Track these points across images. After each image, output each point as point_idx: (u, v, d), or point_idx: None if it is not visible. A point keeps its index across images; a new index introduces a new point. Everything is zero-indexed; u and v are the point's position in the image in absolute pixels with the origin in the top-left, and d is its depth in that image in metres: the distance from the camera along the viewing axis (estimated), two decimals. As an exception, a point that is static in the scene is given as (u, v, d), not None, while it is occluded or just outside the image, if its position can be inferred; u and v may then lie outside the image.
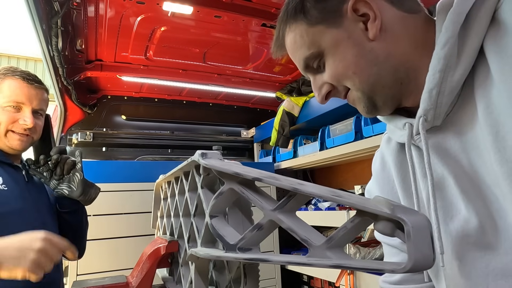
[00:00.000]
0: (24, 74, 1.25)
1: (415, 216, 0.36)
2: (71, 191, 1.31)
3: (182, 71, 2.69)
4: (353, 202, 0.40)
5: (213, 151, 0.67)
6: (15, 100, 1.19)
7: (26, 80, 1.22)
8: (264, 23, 2.07)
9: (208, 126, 3.36)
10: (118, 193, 2.15)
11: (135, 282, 0.97)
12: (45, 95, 1.29)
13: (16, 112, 1.20)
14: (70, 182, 1.32)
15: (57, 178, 1.31)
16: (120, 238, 2.10)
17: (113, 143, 2.95)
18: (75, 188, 1.31)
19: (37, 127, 1.25)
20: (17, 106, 1.20)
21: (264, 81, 2.99)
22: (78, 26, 2.01)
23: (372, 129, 1.95)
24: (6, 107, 1.18)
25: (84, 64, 2.46)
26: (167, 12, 1.93)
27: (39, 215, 1.24)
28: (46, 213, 1.30)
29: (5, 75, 1.22)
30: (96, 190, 1.40)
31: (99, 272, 2.00)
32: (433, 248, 0.36)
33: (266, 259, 0.51)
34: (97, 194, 1.41)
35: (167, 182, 1.17)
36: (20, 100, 1.20)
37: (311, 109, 2.58)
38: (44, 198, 1.33)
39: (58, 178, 1.31)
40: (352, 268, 0.41)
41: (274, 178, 0.50)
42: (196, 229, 0.79)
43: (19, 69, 1.26)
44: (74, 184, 1.31)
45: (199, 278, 0.80)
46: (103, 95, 2.94)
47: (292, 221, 0.48)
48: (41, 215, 1.25)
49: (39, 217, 1.23)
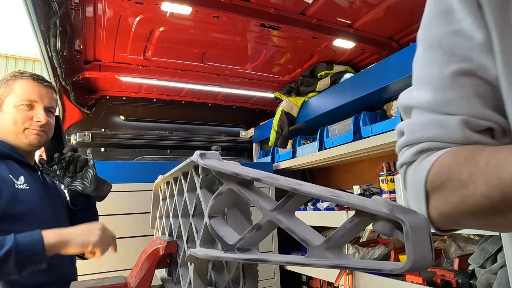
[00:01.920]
0: (34, 74, 1.30)
1: (413, 216, 0.36)
2: (85, 188, 1.35)
3: (180, 71, 2.69)
4: (351, 202, 0.40)
5: (212, 152, 0.67)
6: (28, 99, 1.23)
7: (36, 80, 1.27)
8: (262, 23, 2.07)
9: (207, 126, 3.36)
10: (117, 193, 2.15)
11: (134, 282, 0.96)
12: (54, 94, 1.34)
13: (29, 110, 1.24)
14: (83, 179, 1.36)
15: (71, 175, 1.35)
16: (119, 239, 2.07)
17: (112, 144, 2.95)
18: (88, 185, 1.35)
19: (50, 124, 1.30)
20: (30, 104, 1.24)
21: (263, 81, 2.99)
22: (76, 26, 2.01)
23: (371, 129, 1.95)
24: (20, 106, 1.23)
25: (82, 65, 2.46)
26: (166, 12, 1.93)
27: (54, 215, 1.28)
28: (60, 214, 1.34)
29: (16, 76, 1.26)
30: (109, 186, 1.43)
31: (97, 273, 1.99)
32: (432, 248, 0.36)
33: (265, 259, 0.51)
34: (110, 190, 1.44)
35: (166, 182, 1.17)
36: (33, 98, 1.24)
37: (310, 109, 2.59)
38: (58, 198, 1.37)
39: (72, 175, 1.35)
40: (351, 268, 0.41)
41: (273, 179, 0.50)
42: (195, 230, 0.78)
43: (28, 71, 1.31)
44: (87, 181, 1.35)
45: (198, 278, 0.80)
46: (101, 95, 2.94)
47: (291, 221, 0.48)
48: (56, 215, 1.29)
49: (55, 217, 1.27)
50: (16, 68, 8.64)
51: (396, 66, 1.80)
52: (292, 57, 2.60)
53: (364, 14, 2.12)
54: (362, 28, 2.29)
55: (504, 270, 1.28)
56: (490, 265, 1.37)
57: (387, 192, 1.90)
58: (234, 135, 3.44)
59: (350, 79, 2.29)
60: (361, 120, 2.04)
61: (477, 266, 1.40)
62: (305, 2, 1.96)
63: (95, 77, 2.61)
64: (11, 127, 1.22)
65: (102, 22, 1.99)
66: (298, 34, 2.23)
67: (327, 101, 2.38)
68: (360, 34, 2.34)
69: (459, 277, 1.47)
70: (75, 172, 1.36)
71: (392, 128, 1.81)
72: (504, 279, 1.27)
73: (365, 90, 2.00)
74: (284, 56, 2.59)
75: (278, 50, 2.47)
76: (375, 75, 1.95)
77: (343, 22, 2.20)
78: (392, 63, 1.84)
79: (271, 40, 2.32)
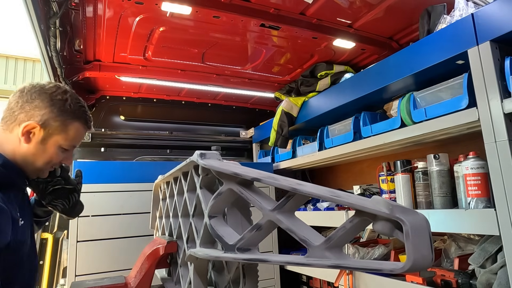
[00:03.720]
0: (90, 117, 1.22)
1: (413, 216, 0.36)
2: (64, 208, 1.28)
3: (180, 71, 2.69)
4: (351, 202, 0.40)
5: (212, 152, 0.67)
6: (74, 145, 1.16)
7: (89, 126, 1.20)
8: (262, 23, 2.07)
9: (207, 126, 3.36)
10: (117, 193, 2.15)
11: (134, 282, 0.97)
12: None
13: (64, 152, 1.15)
14: (64, 199, 1.29)
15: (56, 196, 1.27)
16: (119, 239, 2.10)
17: (112, 144, 2.95)
18: (68, 207, 1.29)
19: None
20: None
21: (263, 81, 2.99)
22: (76, 26, 2.01)
23: (371, 129, 1.95)
24: (64, 149, 1.13)
25: (82, 65, 2.46)
26: (166, 12, 1.93)
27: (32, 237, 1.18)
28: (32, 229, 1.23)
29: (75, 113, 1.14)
30: (82, 208, 1.39)
31: (97, 273, 1.99)
32: (432, 248, 0.36)
33: (265, 259, 0.51)
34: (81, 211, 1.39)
35: (166, 182, 1.17)
36: (77, 144, 1.18)
37: (310, 109, 2.58)
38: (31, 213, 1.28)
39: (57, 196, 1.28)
40: (351, 268, 0.41)
41: (273, 179, 0.50)
42: (195, 230, 0.78)
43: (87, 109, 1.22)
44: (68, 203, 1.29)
45: (198, 278, 0.80)
46: (101, 95, 2.94)
47: (291, 221, 0.48)
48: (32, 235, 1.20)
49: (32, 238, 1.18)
50: (16, 68, 8.62)
51: (396, 66, 1.80)
52: (292, 57, 2.60)
53: (364, 14, 2.12)
54: (362, 28, 2.29)
55: (504, 270, 1.28)
56: (490, 265, 1.37)
57: (387, 192, 1.90)
58: (234, 135, 3.44)
59: (350, 79, 2.29)
60: (361, 120, 2.04)
61: (477, 266, 1.40)
62: (305, 2, 1.96)
63: (95, 77, 2.61)
64: (38, 162, 1.10)
65: (102, 22, 1.99)
66: (298, 34, 2.23)
67: (327, 101, 2.38)
68: (360, 34, 2.34)
69: (459, 277, 1.47)
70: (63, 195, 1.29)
71: (392, 128, 1.81)
72: (504, 279, 1.27)
73: (365, 90, 2.00)
74: (284, 56, 2.58)
75: (278, 50, 2.47)
76: (375, 75, 1.95)
77: (343, 22, 2.20)
78: (392, 63, 1.84)
79: (271, 40, 2.32)
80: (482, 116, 1.34)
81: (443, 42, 1.54)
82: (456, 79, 1.52)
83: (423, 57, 1.63)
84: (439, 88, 1.62)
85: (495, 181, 1.28)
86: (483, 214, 1.32)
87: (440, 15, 1.72)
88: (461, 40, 1.44)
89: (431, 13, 1.79)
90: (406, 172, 1.76)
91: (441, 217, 1.48)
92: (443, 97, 1.59)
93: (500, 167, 1.26)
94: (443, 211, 1.52)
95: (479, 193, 1.40)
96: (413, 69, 1.68)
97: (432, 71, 1.63)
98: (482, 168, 1.41)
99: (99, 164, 2.36)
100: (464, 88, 1.44)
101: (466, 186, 1.44)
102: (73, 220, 1.99)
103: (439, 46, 1.56)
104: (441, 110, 1.54)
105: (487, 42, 1.34)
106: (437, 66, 1.58)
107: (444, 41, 1.54)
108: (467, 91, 1.42)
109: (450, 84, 1.55)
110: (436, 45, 1.57)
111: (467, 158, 1.47)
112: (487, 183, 1.39)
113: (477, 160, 1.44)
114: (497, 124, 1.28)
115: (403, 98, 1.77)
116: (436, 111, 1.56)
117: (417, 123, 1.67)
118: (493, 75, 1.31)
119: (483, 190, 1.40)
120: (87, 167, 2.12)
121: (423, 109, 1.63)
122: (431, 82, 1.66)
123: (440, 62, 1.55)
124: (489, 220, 1.28)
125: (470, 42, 1.40)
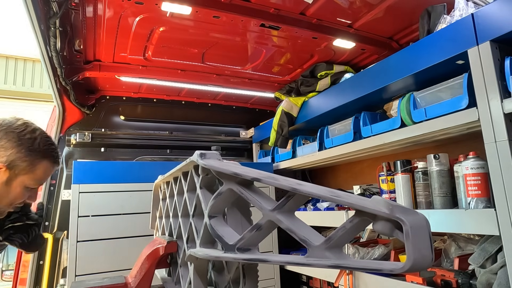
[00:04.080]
0: (58, 154, 1.17)
1: (413, 216, 0.36)
2: (23, 243, 1.24)
3: (180, 71, 2.69)
4: (351, 202, 0.40)
5: (212, 152, 0.67)
6: (40, 183, 1.12)
7: (58, 163, 1.15)
8: (262, 23, 2.07)
9: (207, 126, 3.36)
10: (117, 193, 2.15)
11: (134, 282, 0.96)
12: None
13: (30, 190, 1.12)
14: (23, 233, 1.24)
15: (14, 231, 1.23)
16: (119, 239, 2.10)
17: (112, 144, 2.95)
18: (27, 241, 1.24)
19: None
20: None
21: (263, 81, 2.99)
22: (76, 26, 2.01)
23: (371, 129, 1.95)
24: (29, 188, 1.09)
25: (82, 65, 2.46)
26: (166, 12, 1.93)
27: None
28: None
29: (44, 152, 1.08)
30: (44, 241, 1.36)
31: (97, 273, 1.99)
32: (432, 248, 0.36)
33: (265, 259, 0.51)
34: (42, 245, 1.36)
35: (166, 182, 1.17)
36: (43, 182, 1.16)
37: (310, 109, 2.58)
38: None
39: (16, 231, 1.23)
40: (351, 268, 0.41)
41: (273, 178, 0.50)
42: (195, 230, 0.78)
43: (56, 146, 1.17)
44: (27, 237, 1.24)
45: (198, 278, 0.80)
46: (101, 95, 2.94)
47: (291, 221, 0.48)
48: None
49: None
50: (16, 68, 8.62)
51: (396, 66, 1.80)
52: (292, 57, 2.60)
53: (364, 14, 2.12)
54: (362, 28, 2.29)
55: (504, 270, 1.28)
56: (490, 265, 1.37)
57: (387, 192, 1.90)
58: (234, 135, 3.44)
59: (350, 79, 2.29)
60: (361, 120, 2.04)
61: (477, 266, 1.40)
62: (305, 2, 1.96)
63: (95, 77, 2.61)
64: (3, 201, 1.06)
65: (102, 22, 1.99)
66: (298, 34, 2.23)
67: (327, 101, 2.38)
68: (360, 34, 2.34)
69: (459, 277, 1.47)
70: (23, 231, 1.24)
71: (392, 128, 1.81)
72: (504, 279, 1.27)
73: (365, 90, 2.00)
74: (284, 56, 2.59)
75: (278, 50, 2.47)
76: (375, 75, 1.95)
77: (343, 22, 2.20)
78: (392, 63, 1.84)
79: (271, 40, 2.32)
80: (482, 116, 1.34)
81: (443, 42, 1.54)
82: (456, 79, 1.52)
83: (423, 57, 1.63)
84: (439, 88, 1.62)
85: (495, 181, 1.28)
86: (483, 214, 1.33)
87: (440, 15, 1.72)
88: (461, 40, 1.44)
89: (431, 13, 1.79)
90: (406, 172, 1.76)
91: (441, 217, 1.48)
92: (443, 97, 1.59)
93: (500, 167, 1.26)
94: (443, 211, 1.52)
95: (479, 193, 1.40)
96: (413, 69, 1.68)
97: (432, 71, 1.63)
98: (482, 168, 1.41)
99: (99, 164, 2.36)
100: (464, 88, 1.44)
101: (466, 186, 1.44)
102: (73, 220, 1.99)
103: (439, 46, 1.56)
104: (441, 110, 1.54)
105: (487, 42, 1.34)
106: (437, 66, 1.58)
107: (444, 41, 1.54)
108: (467, 91, 1.43)
109: (450, 84, 1.55)
110: (436, 45, 1.57)
111: (467, 158, 1.47)
112: (487, 183, 1.39)
113: (477, 160, 1.44)
114: (497, 124, 1.28)
115: (403, 98, 1.77)
116: (436, 111, 1.57)
117: (417, 123, 1.68)
118: (493, 75, 1.31)
119: (483, 190, 1.40)
120: (87, 167, 2.12)
121: (423, 109, 1.63)
122: (431, 82, 1.66)
123: (440, 62, 1.55)
124: (489, 220, 1.28)
125: (470, 42, 1.40)
